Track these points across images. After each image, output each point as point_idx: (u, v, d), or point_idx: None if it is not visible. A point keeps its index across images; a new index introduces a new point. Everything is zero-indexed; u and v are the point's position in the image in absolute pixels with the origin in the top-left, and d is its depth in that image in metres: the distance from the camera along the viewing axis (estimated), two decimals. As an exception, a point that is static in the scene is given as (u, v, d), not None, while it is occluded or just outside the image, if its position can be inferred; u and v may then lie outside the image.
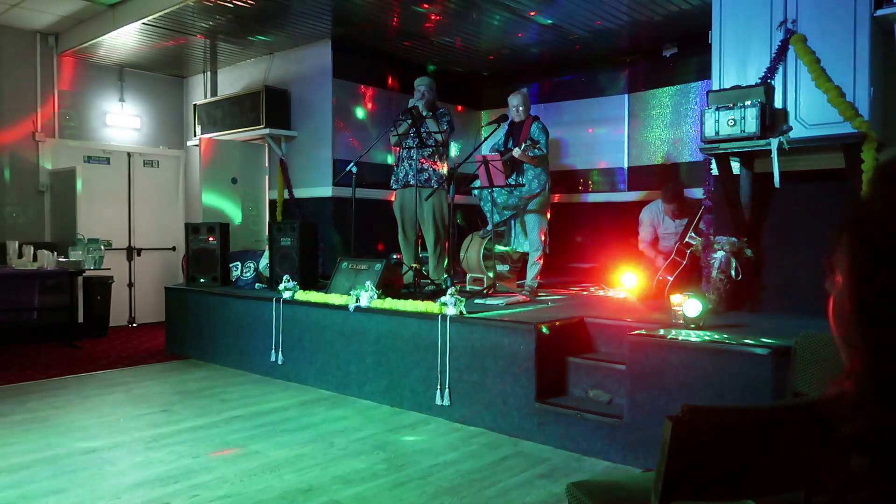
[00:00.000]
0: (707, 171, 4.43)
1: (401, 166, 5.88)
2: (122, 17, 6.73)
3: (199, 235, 6.61)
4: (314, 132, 7.35)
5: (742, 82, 4.21)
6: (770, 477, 1.54)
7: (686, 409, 1.42)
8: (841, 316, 0.67)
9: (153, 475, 3.30)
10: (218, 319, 6.06)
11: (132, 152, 8.44)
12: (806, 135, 3.97)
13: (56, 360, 6.13)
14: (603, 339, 4.21)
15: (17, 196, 7.54)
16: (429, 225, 5.84)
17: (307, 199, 7.41)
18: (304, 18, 6.50)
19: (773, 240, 4.45)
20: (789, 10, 4.11)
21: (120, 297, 8.07)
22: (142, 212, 8.44)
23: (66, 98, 7.92)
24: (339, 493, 3.09)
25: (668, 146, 7.08)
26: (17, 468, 3.38)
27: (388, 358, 4.68)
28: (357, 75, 7.34)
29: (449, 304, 4.33)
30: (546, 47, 7.20)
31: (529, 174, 5.36)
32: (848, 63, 3.88)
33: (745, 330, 3.69)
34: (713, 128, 4.04)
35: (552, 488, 3.17)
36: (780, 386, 3.03)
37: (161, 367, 5.93)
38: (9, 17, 7.08)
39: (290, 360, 5.37)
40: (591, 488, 1.88)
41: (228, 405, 4.64)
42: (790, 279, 4.35)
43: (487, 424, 4.10)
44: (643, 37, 6.80)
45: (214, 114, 8.05)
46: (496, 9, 6.07)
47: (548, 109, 7.80)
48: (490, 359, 4.11)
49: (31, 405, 4.58)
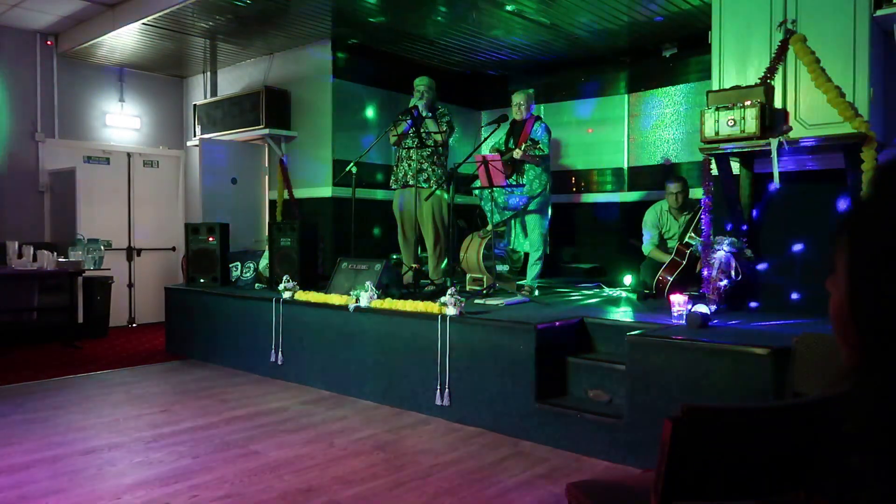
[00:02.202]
0: (707, 171, 4.44)
1: (400, 166, 5.88)
2: (122, 17, 6.73)
3: (199, 235, 6.61)
4: (314, 132, 7.35)
5: (742, 82, 4.21)
6: (770, 477, 1.54)
7: (686, 409, 1.42)
8: (840, 316, 0.67)
9: (153, 475, 3.30)
10: (218, 320, 6.06)
11: (132, 152, 8.44)
12: (806, 135, 3.97)
13: (56, 361, 6.13)
14: (603, 339, 4.21)
15: (17, 196, 7.54)
16: (428, 225, 5.84)
17: (307, 199, 7.41)
18: (304, 18, 6.50)
19: (773, 240, 4.46)
20: (789, 10, 4.11)
21: (120, 298, 8.07)
22: (142, 212, 8.44)
23: (66, 98, 7.92)
24: (339, 493, 3.09)
25: (668, 146, 7.08)
26: (17, 468, 3.38)
27: (388, 358, 4.68)
28: (357, 75, 7.34)
29: (449, 304, 4.33)
30: (546, 47, 7.21)
31: (530, 174, 5.36)
32: (848, 63, 3.88)
33: (744, 330, 3.69)
34: (713, 128, 4.04)
35: (552, 488, 3.17)
36: (780, 386, 3.03)
37: (161, 367, 5.93)
38: (9, 17, 7.08)
39: (290, 360, 5.37)
40: (590, 488, 1.88)
41: (228, 405, 4.64)
42: (790, 279, 4.35)
43: (487, 424, 4.10)
44: (643, 37, 6.80)
45: (214, 114, 8.05)
46: (496, 9, 6.07)
47: (548, 109, 7.80)
48: (490, 359, 4.11)
49: (31, 405, 4.58)
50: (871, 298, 0.62)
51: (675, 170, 6.70)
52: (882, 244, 0.61)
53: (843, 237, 0.66)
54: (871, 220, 0.64)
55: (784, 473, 1.56)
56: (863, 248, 0.63)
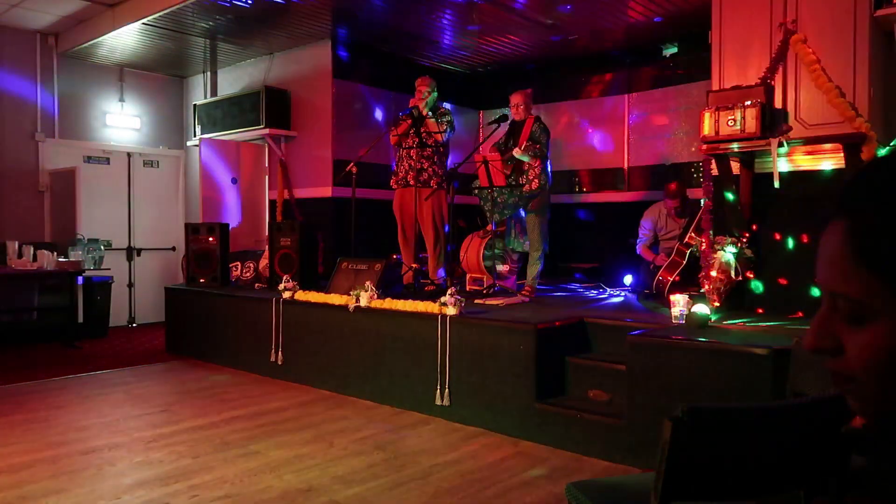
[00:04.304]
0: (707, 171, 4.43)
1: (400, 166, 5.88)
2: (122, 17, 6.72)
3: (199, 235, 6.61)
4: (314, 132, 7.34)
5: (742, 82, 4.21)
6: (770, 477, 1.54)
7: (686, 409, 1.42)
8: (840, 259, 0.66)
9: (153, 475, 3.30)
10: (218, 319, 6.06)
11: (132, 152, 8.43)
12: (806, 135, 3.97)
13: (56, 361, 6.13)
14: (603, 339, 4.21)
15: (17, 196, 7.54)
16: (428, 225, 5.84)
17: (307, 199, 7.41)
18: (304, 18, 6.50)
19: (772, 240, 4.45)
20: (789, 10, 4.11)
21: (120, 298, 8.07)
22: (142, 212, 8.44)
23: (66, 98, 7.92)
24: (339, 493, 3.09)
25: (668, 146, 7.08)
26: (17, 468, 3.38)
27: (388, 358, 4.68)
28: (357, 75, 7.33)
29: (449, 304, 4.33)
30: (546, 47, 7.20)
31: (530, 174, 5.36)
32: (848, 63, 3.88)
33: (744, 330, 3.69)
34: (713, 128, 4.04)
35: (552, 488, 3.17)
36: (780, 386, 3.03)
37: (161, 367, 5.93)
38: (9, 17, 7.08)
39: (290, 360, 5.37)
40: (590, 488, 1.88)
41: (228, 405, 4.63)
42: (790, 279, 4.35)
43: (487, 424, 4.10)
44: (643, 37, 6.80)
45: (214, 114, 8.04)
46: (496, 9, 6.07)
47: (548, 109, 7.80)
48: (490, 359, 4.11)
49: (31, 405, 4.58)
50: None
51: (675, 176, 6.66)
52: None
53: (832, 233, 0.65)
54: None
55: (784, 473, 1.56)
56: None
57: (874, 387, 0.62)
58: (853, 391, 0.64)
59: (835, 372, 0.65)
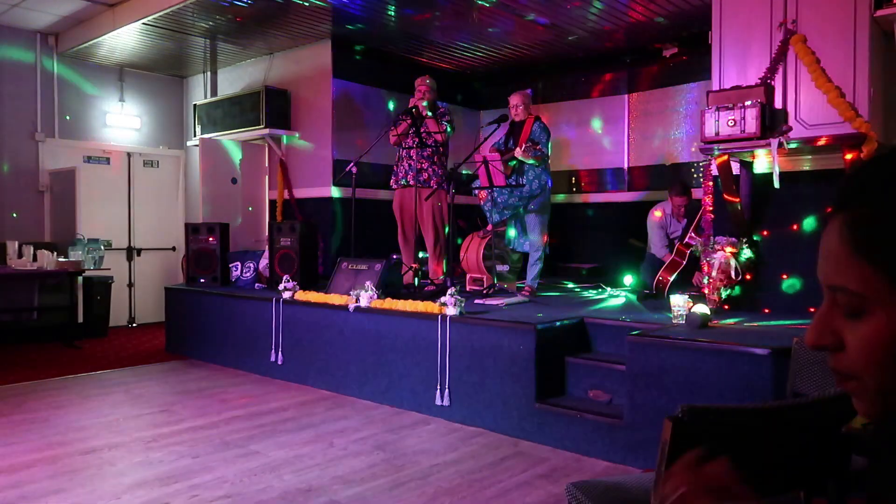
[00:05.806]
0: (707, 171, 4.43)
1: (400, 166, 5.88)
2: (122, 17, 6.72)
3: (199, 235, 6.61)
4: (314, 132, 7.34)
5: (742, 82, 4.21)
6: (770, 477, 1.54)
7: (686, 409, 1.42)
8: (841, 254, 0.66)
9: (153, 475, 3.30)
10: (218, 319, 6.06)
11: (132, 152, 8.43)
12: (806, 135, 3.97)
13: (56, 361, 6.13)
14: (603, 339, 4.21)
15: (17, 196, 7.54)
16: (428, 225, 5.84)
17: (307, 199, 7.41)
18: (304, 18, 6.50)
19: (772, 240, 4.45)
20: (789, 10, 4.11)
21: (120, 297, 8.07)
22: (142, 212, 8.44)
23: (66, 98, 7.92)
24: (339, 493, 3.09)
25: (668, 146, 7.08)
26: (17, 468, 3.38)
27: (388, 358, 4.68)
28: (357, 75, 7.33)
29: (449, 304, 4.33)
30: (546, 47, 7.20)
31: (530, 174, 5.36)
32: (848, 63, 3.88)
33: (744, 330, 3.69)
34: (713, 128, 4.04)
35: (552, 488, 3.17)
36: (779, 386, 3.03)
37: (161, 367, 5.93)
38: (9, 17, 7.08)
39: (290, 360, 5.37)
40: (590, 488, 1.88)
41: (228, 405, 4.64)
42: (790, 279, 4.35)
43: (487, 425, 4.10)
44: (643, 37, 6.80)
45: (214, 114, 8.04)
46: (496, 9, 6.07)
47: (548, 109, 7.80)
48: (490, 359, 4.11)
49: (31, 405, 4.58)
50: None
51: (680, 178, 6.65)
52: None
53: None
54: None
55: (784, 474, 1.56)
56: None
57: (874, 381, 0.62)
58: (854, 388, 0.65)
59: (836, 369, 0.66)
